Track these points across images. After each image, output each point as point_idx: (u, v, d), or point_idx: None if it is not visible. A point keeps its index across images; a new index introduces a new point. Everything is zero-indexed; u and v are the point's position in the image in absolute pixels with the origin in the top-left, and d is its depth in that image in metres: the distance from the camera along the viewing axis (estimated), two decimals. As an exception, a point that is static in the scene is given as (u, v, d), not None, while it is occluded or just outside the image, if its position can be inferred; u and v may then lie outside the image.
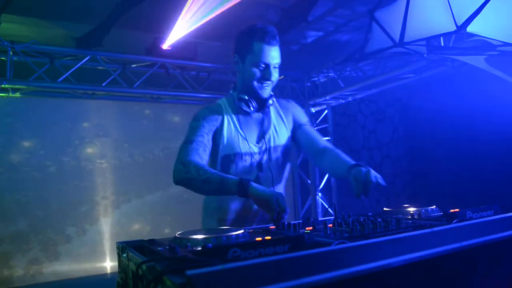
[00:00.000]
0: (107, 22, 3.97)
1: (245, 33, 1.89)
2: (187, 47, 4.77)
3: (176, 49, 4.59)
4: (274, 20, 4.21)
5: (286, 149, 2.02)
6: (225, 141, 1.88)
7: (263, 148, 1.94)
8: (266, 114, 2.00)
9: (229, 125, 1.91)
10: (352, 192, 1.63)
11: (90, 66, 4.64)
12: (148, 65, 4.91)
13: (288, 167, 2.08)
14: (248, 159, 1.91)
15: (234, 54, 1.95)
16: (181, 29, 4.05)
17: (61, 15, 3.98)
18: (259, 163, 1.93)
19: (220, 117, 1.91)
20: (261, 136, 1.95)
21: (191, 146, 1.77)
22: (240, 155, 1.89)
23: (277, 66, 1.88)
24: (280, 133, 1.99)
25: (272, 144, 1.96)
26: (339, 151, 1.90)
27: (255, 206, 1.83)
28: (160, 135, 5.39)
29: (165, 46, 4.52)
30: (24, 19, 3.95)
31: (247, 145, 1.91)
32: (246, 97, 1.89)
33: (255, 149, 1.92)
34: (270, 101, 1.92)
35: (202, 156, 1.78)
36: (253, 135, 1.94)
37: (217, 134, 1.89)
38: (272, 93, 1.94)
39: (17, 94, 4.45)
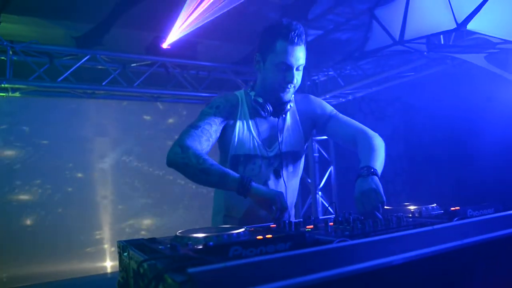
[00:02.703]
0: (107, 21, 3.96)
1: (269, 30, 1.74)
2: (187, 46, 4.76)
3: (176, 48, 4.58)
4: (273, 17, 4.20)
5: (300, 155, 1.93)
6: (236, 140, 1.80)
7: (276, 153, 1.84)
8: (282, 118, 1.88)
9: (241, 123, 1.81)
10: (352, 191, 1.61)
11: (90, 65, 4.63)
12: (148, 64, 4.91)
13: (300, 174, 1.99)
14: (257, 163, 1.81)
15: (256, 53, 1.81)
16: (181, 28, 4.04)
17: (61, 15, 3.97)
18: (274, 170, 1.84)
19: (234, 112, 1.82)
20: (274, 141, 1.85)
21: (195, 131, 1.68)
22: (250, 157, 1.80)
23: (300, 68, 1.75)
24: (294, 139, 1.90)
25: (285, 150, 1.86)
26: (369, 138, 1.77)
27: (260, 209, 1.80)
28: (160, 134, 5.39)
29: (165, 45, 4.51)
30: (23, 18, 3.94)
31: (258, 148, 1.82)
32: (261, 101, 1.78)
33: (267, 153, 1.83)
34: (289, 106, 1.82)
35: (203, 144, 1.68)
36: (266, 139, 1.84)
37: (228, 130, 1.81)
38: (292, 97, 1.84)
39: (17, 94, 4.45)
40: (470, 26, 2.47)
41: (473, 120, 3.94)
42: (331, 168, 6.11)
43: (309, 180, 6.22)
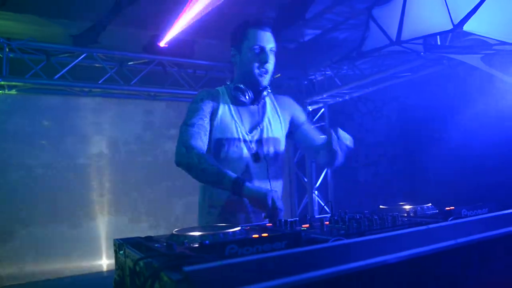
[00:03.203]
0: (104, 19, 3.95)
1: (238, 26, 1.96)
2: (184, 45, 4.76)
3: (173, 46, 4.58)
4: (271, 17, 4.20)
5: (280, 143, 2.03)
6: (219, 125, 1.90)
7: (256, 138, 1.95)
8: (262, 106, 2.02)
9: (224, 109, 1.93)
10: (348, 190, 1.63)
11: (86, 63, 4.63)
12: (145, 63, 4.90)
13: (282, 165, 2.08)
14: (239, 146, 1.91)
15: (231, 49, 1.99)
16: (178, 26, 4.04)
17: (58, 12, 3.95)
18: (254, 154, 1.93)
19: (217, 100, 1.94)
20: (255, 127, 1.96)
21: (193, 129, 1.80)
22: (232, 140, 1.90)
23: (273, 50, 1.92)
24: (274, 127, 2.01)
25: (265, 136, 1.96)
26: None
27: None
28: (157, 133, 5.39)
29: (162, 43, 4.51)
30: (20, 16, 3.93)
31: (240, 132, 1.92)
32: (243, 87, 1.91)
33: (248, 137, 1.93)
34: (265, 93, 1.95)
35: (204, 140, 1.81)
36: (247, 124, 1.95)
37: (212, 116, 1.91)
38: (268, 85, 1.97)
39: (13, 91, 4.44)
40: (467, 27, 2.48)
41: (469, 120, 3.95)
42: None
43: (306, 179, 6.23)
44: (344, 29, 4.65)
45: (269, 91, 1.98)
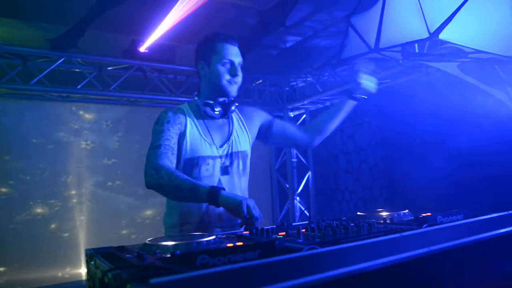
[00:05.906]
0: (82, 23, 3.90)
1: (207, 38, 1.97)
2: (165, 50, 4.73)
3: (153, 52, 4.54)
4: (251, 23, 4.21)
5: (247, 156, 2.06)
6: (188, 145, 1.90)
7: (226, 152, 1.96)
8: (229, 119, 2.04)
9: (192, 129, 1.92)
10: (330, 197, 1.63)
11: (64, 68, 4.54)
12: (125, 68, 4.83)
13: (248, 175, 2.11)
14: (211, 163, 1.92)
15: (198, 62, 2.00)
16: (159, 31, 4.01)
17: (35, 16, 3.89)
18: (224, 167, 1.94)
19: (183, 120, 1.93)
20: (225, 141, 1.98)
21: (160, 150, 1.78)
22: (203, 158, 1.90)
23: (240, 64, 1.96)
24: (241, 140, 2.03)
25: (235, 149, 1.99)
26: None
27: (218, 209, 1.83)
28: (136, 139, 5.32)
29: (143, 48, 4.47)
30: (-4, 19, 3.86)
31: (210, 149, 1.93)
32: (212, 102, 1.92)
33: (218, 152, 1.94)
34: (233, 107, 1.97)
35: (171, 160, 1.80)
36: (217, 139, 1.97)
37: (180, 138, 1.90)
38: (235, 97, 2.00)
39: (-12, 96, 4.33)
40: (442, 35, 2.52)
41: (448, 127, 4.02)
42: (309, 173, 6.14)
43: (287, 185, 6.24)
44: (325, 36, 4.69)
45: (237, 104, 2.01)
